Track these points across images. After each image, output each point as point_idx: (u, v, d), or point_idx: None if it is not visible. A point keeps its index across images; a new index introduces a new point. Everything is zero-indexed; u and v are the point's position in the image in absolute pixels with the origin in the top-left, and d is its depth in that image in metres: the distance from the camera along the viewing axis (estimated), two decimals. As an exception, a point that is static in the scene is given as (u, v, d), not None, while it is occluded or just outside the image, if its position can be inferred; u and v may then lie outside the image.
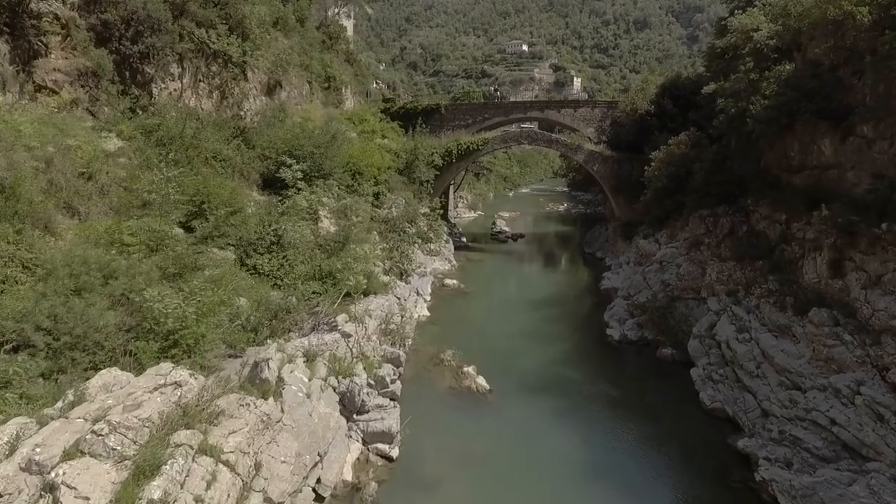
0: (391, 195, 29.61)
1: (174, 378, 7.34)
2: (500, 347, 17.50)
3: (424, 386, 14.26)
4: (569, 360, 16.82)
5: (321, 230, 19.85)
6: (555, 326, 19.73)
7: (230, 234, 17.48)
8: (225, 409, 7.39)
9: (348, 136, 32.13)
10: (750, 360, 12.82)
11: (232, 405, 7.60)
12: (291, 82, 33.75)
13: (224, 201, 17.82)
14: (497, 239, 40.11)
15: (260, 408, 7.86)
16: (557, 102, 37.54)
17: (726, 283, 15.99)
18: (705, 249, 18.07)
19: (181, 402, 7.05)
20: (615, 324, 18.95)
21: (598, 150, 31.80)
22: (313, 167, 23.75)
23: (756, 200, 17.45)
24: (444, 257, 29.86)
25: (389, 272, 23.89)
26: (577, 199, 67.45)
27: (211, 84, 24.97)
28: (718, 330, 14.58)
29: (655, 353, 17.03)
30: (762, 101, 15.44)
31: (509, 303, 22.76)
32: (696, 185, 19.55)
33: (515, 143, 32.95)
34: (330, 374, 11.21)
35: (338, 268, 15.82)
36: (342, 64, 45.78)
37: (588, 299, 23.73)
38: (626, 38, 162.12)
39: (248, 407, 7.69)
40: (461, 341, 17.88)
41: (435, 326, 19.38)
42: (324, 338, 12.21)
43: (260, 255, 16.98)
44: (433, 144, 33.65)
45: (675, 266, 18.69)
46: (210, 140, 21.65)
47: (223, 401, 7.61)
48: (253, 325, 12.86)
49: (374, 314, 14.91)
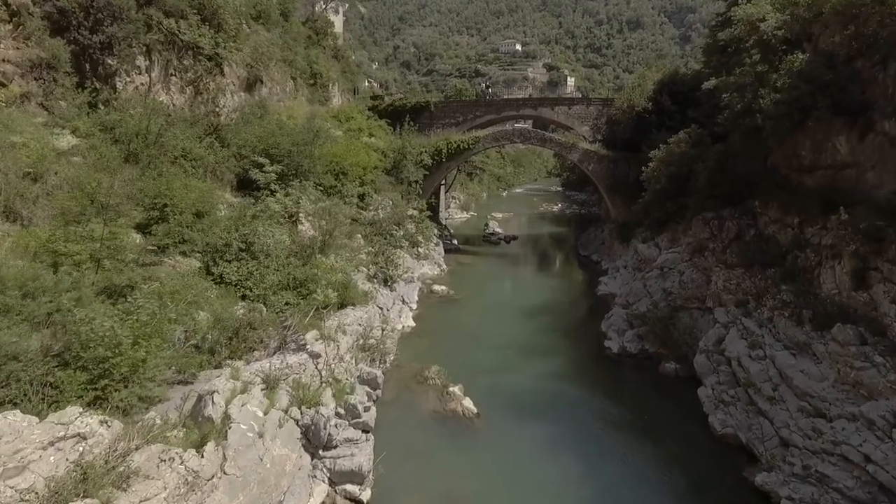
0: (377, 196, 28.19)
1: (78, 429, 5.93)
2: (490, 362, 16.16)
3: (405, 410, 12.88)
4: (564, 377, 15.50)
5: (301, 234, 18.45)
6: (549, 337, 18.40)
7: (195, 239, 16.05)
8: (141, 467, 5.98)
9: (332, 135, 30.67)
10: (765, 380, 11.55)
11: (151, 461, 6.19)
12: (273, 78, 32.21)
13: (191, 204, 16.37)
14: (489, 241, 38.80)
15: (186, 463, 6.44)
16: (551, 100, 36.31)
17: (734, 293, 14.72)
18: (710, 255, 16.81)
19: (83, 462, 5.65)
20: (614, 335, 17.65)
21: (594, 148, 30.55)
22: (291, 167, 22.33)
23: (764, 202, 16.21)
24: (433, 261, 28.49)
25: (374, 278, 22.51)
26: (571, 200, 66.41)
27: (183, 78, 23.44)
28: (728, 345, 13.31)
29: (658, 367, 15.75)
30: (772, 95, 14.18)
31: (501, 311, 21.43)
32: (698, 186, 18.30)
33: (508, 141, 31.63)
34: (292, 404, 9.80)
35: (313, 277, 14.38)
36: (329, 60, 44.29)
37: (584, 307, 22.44)
38: (620, 38, 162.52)
39: (170, 463, 6.28)
40: (448, 355, 16.51)
41: (420, 339, 17.99)
42: (288, 359, 10.80)
43: (227, 263, 15.53)
44: (422, 143, 32.28)
45: (677, 273, 17.43)
46: (180, 138, 20.18)
47: (141, 455, 6.20)
48: (210, 344, 11.45)
49: (350, 329, 13.49)
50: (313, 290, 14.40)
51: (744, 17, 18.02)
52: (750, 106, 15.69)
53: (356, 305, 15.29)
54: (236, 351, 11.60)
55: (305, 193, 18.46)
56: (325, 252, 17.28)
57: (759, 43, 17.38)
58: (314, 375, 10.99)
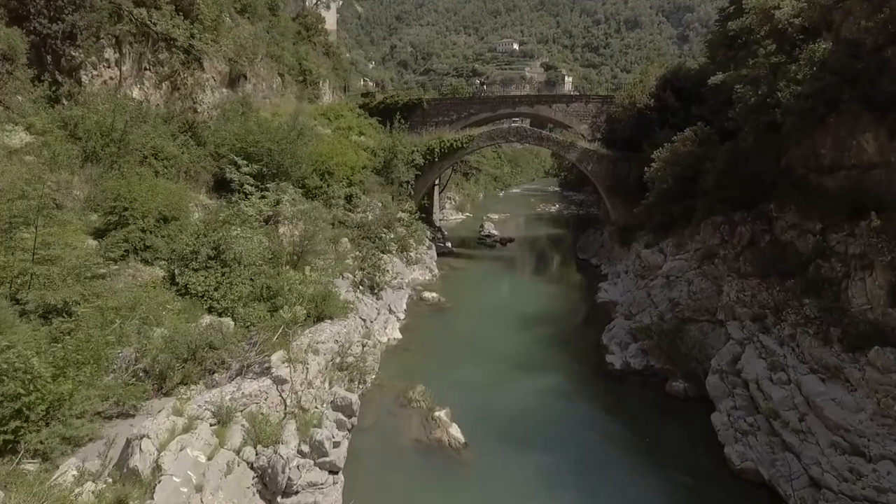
0: (366, 198, 26.80)
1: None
2: (482, 380, 14.79)
3: (384, 439, 11.50)
4: (562, 397, 14.14)
5: (281, 240, 17.07)
6: (546, 351, 17.04)
7: (159, 246, 14.67)
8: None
9: (319, 133, 29.30)
10: (790, 408, 10.22)
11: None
12: (258, 74, 30.79)
13: (157, 206, 14.98)
14: (485, 243, 37.46)
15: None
16: (548, 97, 34.97)
17: (749, 306, 13.39)
18: (720, 263, 15.48)
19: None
20: (616, 348, 16.30)
21: (593, 147, 29.22)
22: (271, 167, 20.94)
23: (780, 205, 14.88)
24: (424, 266, 27.12)
25: (360, 285, 21.14)
26: (569, 200, 65.22)
27: (159, 73, 22.00)
28: (745, 365, 11.96)
29: (664, 386, 14.40)
30: (792, 88, 12.83)
31: (494, 320, 20.05)
32: (706, 188, 16.96)
33: (503, 140, 30.29)
34: (247, 443, 8.42)
35: (289, 286, 12.98)
36: (320, 57, 43.02)
37: (583, 316, 21.08)
38: (617, 38, 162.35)
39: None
40: (435, 372, 15.15)
41: (406, 353, 16.61)
42: (248, 387, 9.42)
43: (193, 273, 14.13)
44: (414, 142, 30.89)
45: (684, 282, 16.09)
46: (151, 135, 18.78)
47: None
48: (161, 368, 10.06)
49: (325, 347, 12.10)
50: (283, 304, 12.99)
51: (757, 5, 16.70)
52: (765, 100, 14.37)
53: (334, 319, 13.90)
54: (191, 375, 10.24)
55: (284, 195, 17.03)
56: (303, 259, 15.90)
57: (772, 32, 16.08)
58: (277, 405, 9.61)
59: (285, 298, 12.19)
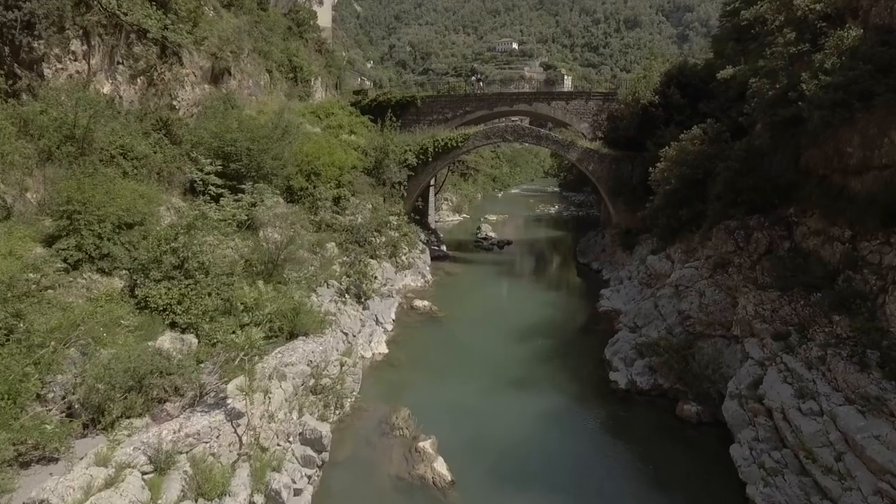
0: (355, 199, 25.46)
1: None
2: (473, 402, 13.42)
3: (359, 476, 10.13)
4: (562, 422, 12.78)
5: (264, 246, 15.72)
6: (544, 367, 15.69)
7: (117, 254, 13.32)
8: None
9: (307, 131, 27.99)
10: (823, 444, 8.88)
11: None
12: (244, 70, 29.39)
13: (116, 210, 13.63)
14: (481, 246, 36.14)
15: None
16: (547, 94, 33.66)
17: (770, 321, 12.04)
18: (735, 272, 14.13)
19: None
20: (620, 365, 14.95)
21: (594, 147, 27.88)
22: (251, 168, 19.61)
23: (802, 210, 13.56)
24: (417, 271, 25.77)
25: (346, 293, 19.80)
26: (568, 201, 64.08)
27: (133, 67, 20.60)
28: (767, 390, 10.62)
29: (675, 408, 13.06)
30: (821, 79, 11.49)
31: (489, 332, 18.70)
32: (719, 190, 15.62)
33: (500, 139, 28.95)
34: (186, 496, 7.07)
35: (245, 302, 11.56)
36: (312, 54, 41.71)
37: (584, 326, 19.71)
38: (617, 37, 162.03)
39: None
40: (423, 393, 13.81)
41: (392, 370, 15.25)
42: (195, 423, 8.06)
43: (154, 284, 12.78)
44: (407, 141, 29.55)
45: (695, 293, 14.74)
46: (120, 133, 17.44)
47: None
48: (100, 399, 8.71)
49: (295, 371, 10.73)
50: (251, 319, 11.60)
51: (773, -9, 15.40)
52: (785, 93, 13.06)
53: (310, 335, 12.54)
54: (133, 408, 8.89)
55: (260, 198, 15.65)
56: (280, 268, 14.53)
57: (791, 21, 14.76)
58: (231, 444, 8.25)
59: (238, 318, 10.76)
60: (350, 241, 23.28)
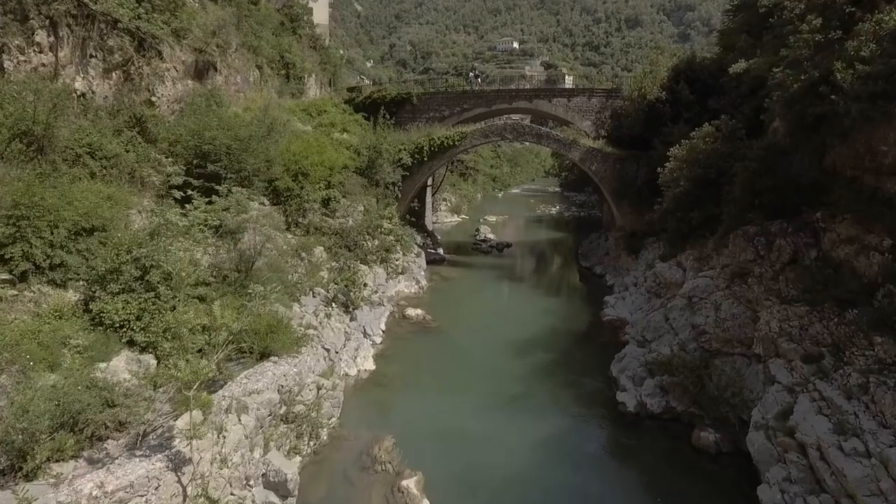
0: (345, 201, 24.16)
1: None
2: (466, 428, 12.10)
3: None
4: (565, 452, 11.46)
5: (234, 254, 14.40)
6: (545, 386, 14.38)
7: (74, 263, 12.05)
8: None
9: (297, 129, 26.71)
10: (872, 493, 7.56)
11: None
12: (232, 65, 28.09)
13: (73, 215, 12.36)
14: (480, 249, 34.83)
15: None
16: (548, 90, 32.31)
17: (798, 340, 10.72)
18: (755, 283, 12.79)
19: None
20: (628, 383, 13.63)
21: (597, 146, 26.55)
22: (231, 168, 18.34)
23: (830, 215, 12.23)
24: (411, 276, 24.46)
25: (333, 302, 18.51)
26: (570, 201, 62.83)
27: (108, 61, 19.33)
28: (799, 422, 9.29)
29: (690, 435, 11.74)
30: (861, 68, 10.15)
31: (486, 344, 17.37)
32: (736, 193, 14.28)
33: (498, 137, 27.63)
34: (105, 571, 5.79)
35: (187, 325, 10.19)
36: (306, 50, 40.48)
37: (588, 337, 18.37)
38: (618, 36, 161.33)
39: None
40: (410, 417, 12.51)
41: (378, 389, 13.93)
42: (129, 472, 6.75)
43: (111, 297, 11.50)
44: (401, 140, 28.24)
45: (711, 305, 13.40)
46: (88, 131, 16.21)
47: None
48: (23, 441, 7.41)
49: (260, 401, 9.41)
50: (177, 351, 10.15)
51: (795, -26, 14.08)
52: (813, 85, 11.75)
53: (284, 355, 11.23)
54: (65, 449, 7.62)
55: (236, 201, 14.32)
56: (252, 278, 13.22)
57: (814, 7, 13.43)
58: (173, 497, 6.95)
59: (180, 343, 9.41)
60: (339, 245, 22.02)
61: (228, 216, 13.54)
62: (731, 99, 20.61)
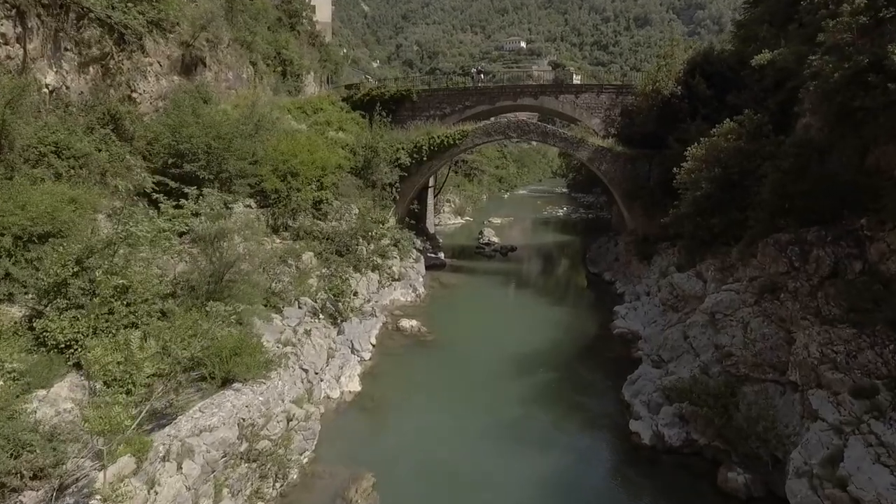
0: (339, 203, 22.82)
1: None
2: (459, 463, 10.63)
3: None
4: (570, 492, 9.96)
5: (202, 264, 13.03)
6: (550, 412, 12.87)
7: (20, 275, 10.81)
8: None
9: (290, 128, 25.42)
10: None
11: None
12: (223, 61, 26.88)
13: (23, 220, 11.13)
14: (483, 253, 33.35)
15: None
16: (554, 87, 30.74)
17: (845, 369, 9.17)
18: (789, 300, 11.22)
19: None
20: (643, 410, 12.10)
21: (607, 145, 25.01)
22: (211, 169, 17.07)
23: (879, 222, 10.65)
24: (407, 283, 23.04)
25: (321, 313, 17.16)
26: (577, 202, 61.25)
27: (84, 55, 18.15)
28: (852, 472, 7.76)
29: (716, 474, 10.20)
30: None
31: (485, 361, 15.88)
32: (765, 196, 12.70)
33: (502, 136, 26.17)
34: None
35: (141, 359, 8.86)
36: (305, 47, 39.30)
37: (597, 353, 16.80)
38: (627, 36, 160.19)
39: None
40: (396, 449, 11.06)
41: (363, 415, 12.47)
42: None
43: (58, 313, 10.20)
44: (399, 139, 26.86)
45: (737, 323, 11.84)
46: (55, 128, 15.03)
47: None
48: None
49: (213, 439, 8.02)
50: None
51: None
52: (858, 73, 10.20)
53: (250, 380, 9.85)
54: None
55: (207, 205, 12.94)
56: (222, 292, 11.84)
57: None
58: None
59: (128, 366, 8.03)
60: (331, 250, 20.68)
61: (198, 222, 12.14)
62: (752, 93, 19.03)
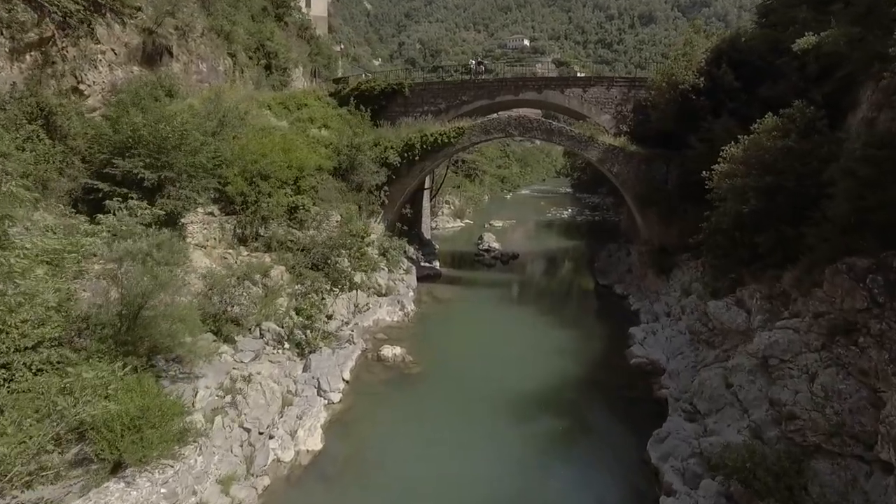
0: (318, 209, 20.25)
1: None
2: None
3: None
4: None
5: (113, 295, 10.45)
6: (554, 479, 10.23)
7: None
8: None
9: (267, 125, 22.86)
10: None
11: None
12: (194, 51, 24.29)
13: None
14: (482, 261, 30.74)
15: None
16: (560, 80, 28.11)
17: (976, 459, 6.54)
18: (872, 346, 8.54)
19: None
20: (676, 480, 9.44)
21: (619, 143, 22.38)
22: (158, 166, 14.55)
23: None
24: (395, 300, 20.41)
25: (285, 342, 14.60)
26: (582, 203, 58.60)
27: (18, 40, 15.73)
28: None
29: (780, 587, 7.58)
30: None
31: (476, 403, 13.18)
32: (839, 209, 10.00)
33: (501, 133, 23.54)
34: None
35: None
36: (294, 39, 36.83)
37: (612, 390, 14.01)
38: (631, 33, 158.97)
39: None
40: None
41: (320, 487, 9.79)
42: None
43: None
44: (388, 137, 24.30)
45: (800, 373, 9.17)
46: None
47: None
48: None
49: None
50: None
51: None
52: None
53: (154, 460, 7.28)
54: None
55: (125, 219, 10.35)
56: (135, 331, 9.27)
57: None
58: None
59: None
60: (306, 264, 18.13)
61: (99, 242, 9.55)
62: (791, 83, 16.38)
